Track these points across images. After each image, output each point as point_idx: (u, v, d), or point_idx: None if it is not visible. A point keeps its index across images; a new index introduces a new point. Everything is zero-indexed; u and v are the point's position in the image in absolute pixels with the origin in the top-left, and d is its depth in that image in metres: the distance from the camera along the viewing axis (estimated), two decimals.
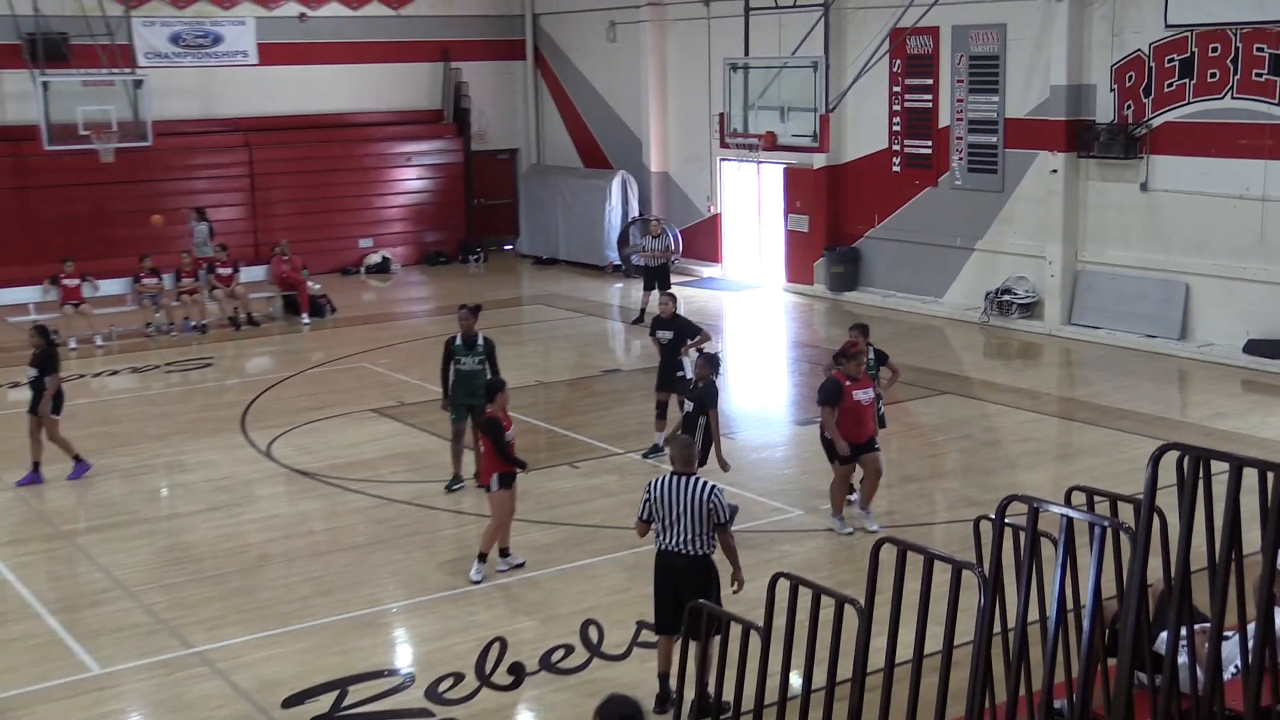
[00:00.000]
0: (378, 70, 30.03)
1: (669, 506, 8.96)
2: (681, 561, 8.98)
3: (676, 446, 9.35)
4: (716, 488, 8.98)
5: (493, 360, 14.21)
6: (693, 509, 8.88)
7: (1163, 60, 20.09)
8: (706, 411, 12.85)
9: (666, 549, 9.07)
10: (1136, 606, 5.64)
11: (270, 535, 13.18)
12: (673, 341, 15.16)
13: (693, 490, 8.91)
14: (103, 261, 24.62)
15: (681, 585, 8.95)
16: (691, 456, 9.27)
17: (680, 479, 9.01)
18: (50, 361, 14.76)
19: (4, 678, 10.07)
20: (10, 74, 26.04)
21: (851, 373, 12.45)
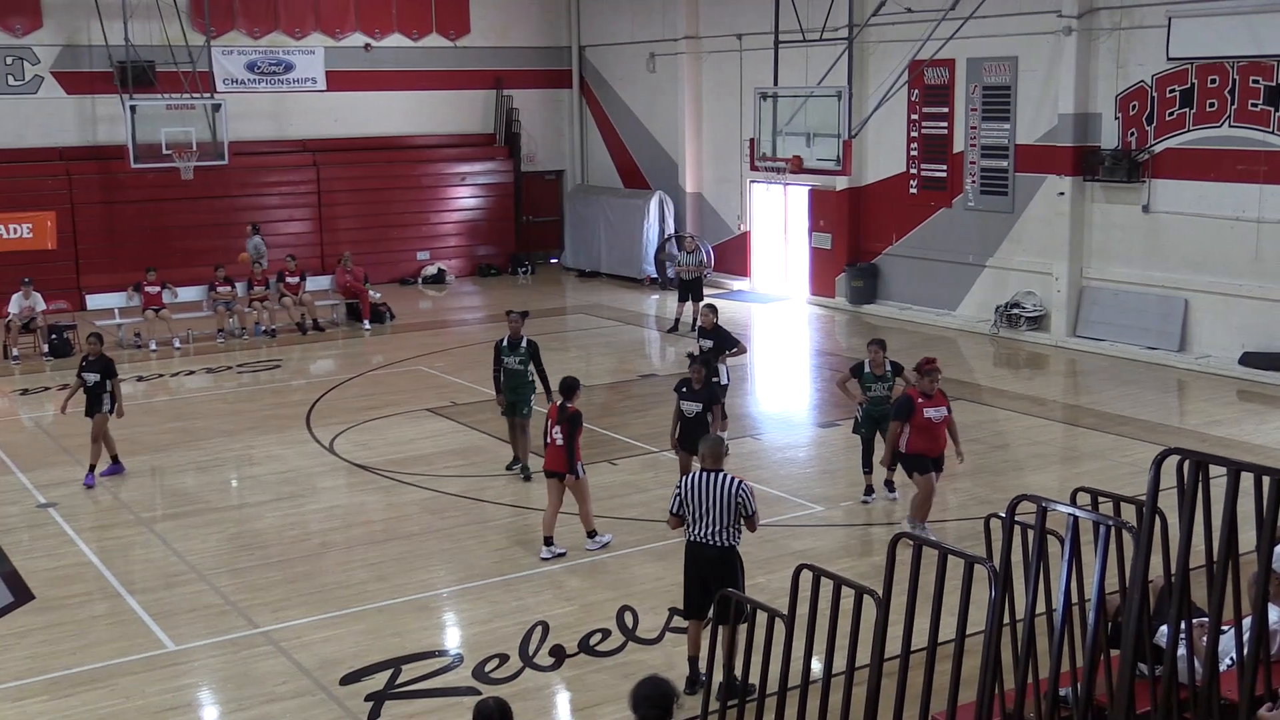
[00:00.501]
0: (435, 96, 30.12)
1: (699, 500, 8.93)
2: (710, 551, 8.97)
3: (707, 445, 9.27)
4: (745, 483, 8.95)
5: (537, 360, 14.35)
6: (722, 502, 8.84)
7: (1164, 90, 19.91)
8: (712, 408, 12.90)
9: (695, 540, 9.05)
10: (1139, 601, 5.56)
11: (331, 524, 13.20)
12: (712, 350, 15.06)
13: (722, 485, 8.88)
14: (182, 270, 24.80)
15: (709, 574, 8.95)
16: (720, 454, 9.21)
17: (710, 475, 8.97)
18: (112, 365, 14.76)
19: (89, 651, 10.12)
20: (103, 99, 26.26)
21: (925, 389, 11.88)
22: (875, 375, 13.29)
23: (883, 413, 13.06)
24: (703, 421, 12.70)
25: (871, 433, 13.39)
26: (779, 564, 11.49)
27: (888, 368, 13.29)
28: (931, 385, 11.86)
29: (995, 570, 5.76)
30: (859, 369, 13.41)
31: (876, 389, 13.30)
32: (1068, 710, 6.14)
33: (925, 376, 11.88)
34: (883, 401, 13.22)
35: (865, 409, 13.41)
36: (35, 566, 11.96)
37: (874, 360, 13.29)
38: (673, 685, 6.07)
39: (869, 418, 13.38)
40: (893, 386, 13.23)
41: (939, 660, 5.83)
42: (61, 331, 21.91)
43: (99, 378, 14.52)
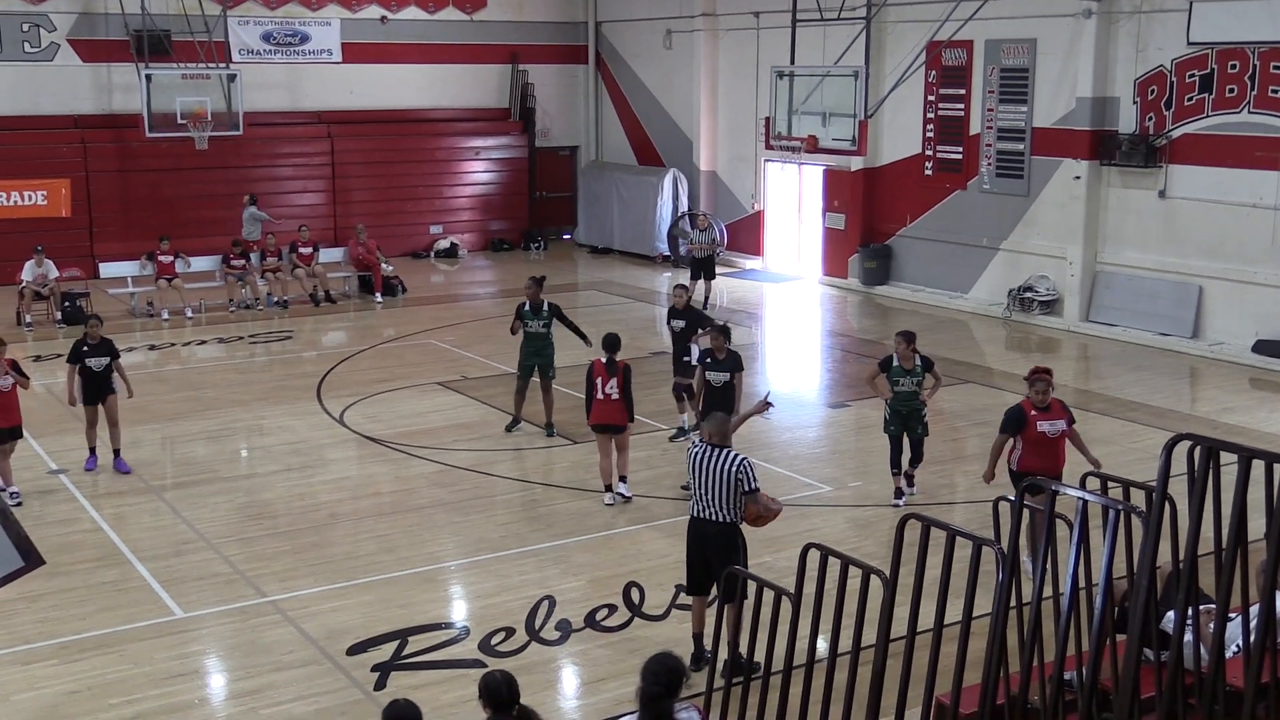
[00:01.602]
0: (451, 70, 30.05)
1: (701, 476, 8.91)
2: (711, 528, 8.95)
3: (713, 422, 9.19)
4: (746, 460, 8.87)
5: (563, 318, 15.32)
6: (723, 479, 8.80)
7: (1184, 75, 19.79)
8: (734, 376, 12.98)
9: (697, 516, 9.03)
10: (1146, 586, 5.55)
11: (340, 496, 13.23)
12: (684, 330, 14.93)
13: (723, 461, 8.82)
14: (195, 240, 24.83)
15: (710, 550, 8.95)
16: (726, 431, 9.12)
17: (713, 450, 8.92)
18: (114, 345, 14.07)
19: (99, 617, 10.18)
20: (118, 67, 26.24)
21: (1036, 400, 10.67)
22: (904, 369, 12.53)
23: (911, 409, 12.54)
24: (729, 390, 12.81)
25: (900, 431, 12.65)
26: (786, 543, 11.48)
27: (917, 362, 12.54)
28: (1041, 395, 10.64)
29: (1003, 553, 5.75)
30: (887, 363, 12.66)
31: (904, 384, 12.54)
32: (1072, 694, 6.13)
33: (1033, 386, 10.70)
34: (911, 398, 12.56)
35: (893, 406, 12.63)
36: (46, 532, 12.02)
37: (901, 353, 12.54)
38: (682, 662, 6.08)
39: (897, 415, 12.64)
40: (922, 381, 12.56)
41: (945, 642, 5.82)
42: (75, 299, 21.96)
43: (107, 360, 13.83)
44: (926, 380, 12.79)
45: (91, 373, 13.74)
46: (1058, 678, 5.74)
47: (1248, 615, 6.05)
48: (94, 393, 13.79)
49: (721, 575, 8.78)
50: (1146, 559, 5.49)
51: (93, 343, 13.81)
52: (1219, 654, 5.56)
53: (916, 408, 12.54)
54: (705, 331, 13.45)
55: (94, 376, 13.76)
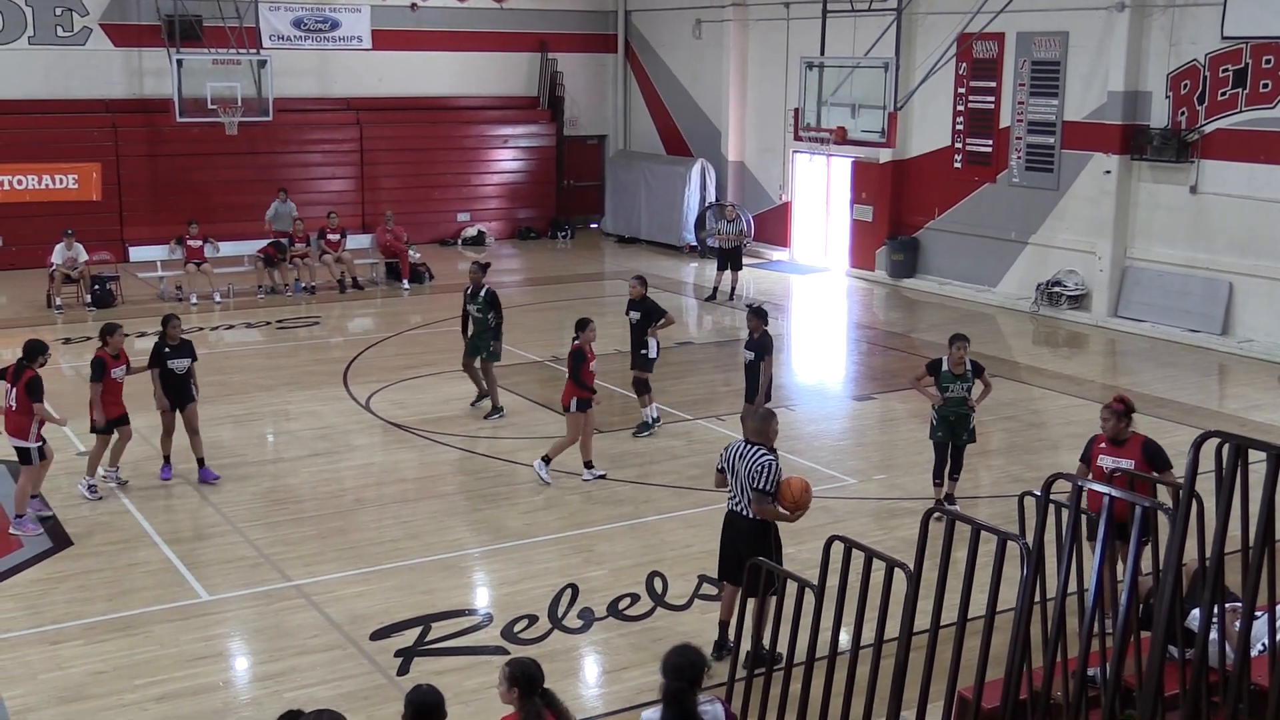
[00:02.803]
0: (480, 58, 30.07)
1: (733, 470, 8.98)
2: (743, 522, 9.00)
3: (753, 418, 9.25)
4: (769, 461, 8.81)
5: (496, 308, 15.53)
6: (745, 474, 8.88)
7: (1217, 70, 19.62)
8: (763, 358, 13.22)
9: (732, 509, 9.09)
10: (1172, 584, 5.52)
11: (365, 482, 13.29)
12: (640, 322, 14.90)
13: (750, 457, 8.87)
14: (224, 225, 24.94)
15: (742, 544, 8.97)
16: (764, 429, 9.05)
17: (746, 446, 8.97)
18: (193, 346, 13.34)
19: (126, 598, 10.26)
20: (150, 52, 26.35)
21: (1109, 433, 9.66)
22: (954, 374, 11.98)
23: (960, 416, 12.04)
24: (755, 370, 13.30)
25: (947, 439, 12.12)
26: (810, 535, 11.46)
27: (968, 366, 12.01)
28: (1117, 429, 9.62)
29: (1028, 548, 5.73)
30: (936, 366, 12.11)
31: (955, 390, 11.99)
32: (1096, 690, 6.11)
33: (1110, 417, 9.70)
34: (961, 404, 12.04)
35: (941, 412, 12.06)
36: (74, 514, 12.11)
37: (954, 358, 11.98)
38: (703, 654, 6.08)
39: (945, 422, 12.07)
40: (972, 387, 12.08)
41: (968, 636, 5.81)
42: (104, 282, 22.10)
43: (188, 363, 13.02)
44: (976, 387, 12.28)
45: (173, 375, 12.92)
46: (1081, 674, 5.72)
47: (1274, 614, 6.01)
48: (174, 397, 12.98)
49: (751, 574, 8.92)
50: (1173, 556, 5.46)
51: (173, 344, 12.99)
52: (1244, 652, 5.53)
53: (965, 414, 12.07)
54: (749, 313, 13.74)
55: (175, 379, 12.94)
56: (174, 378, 12.94)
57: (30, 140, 25.16)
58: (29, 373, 11.73)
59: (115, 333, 12.65)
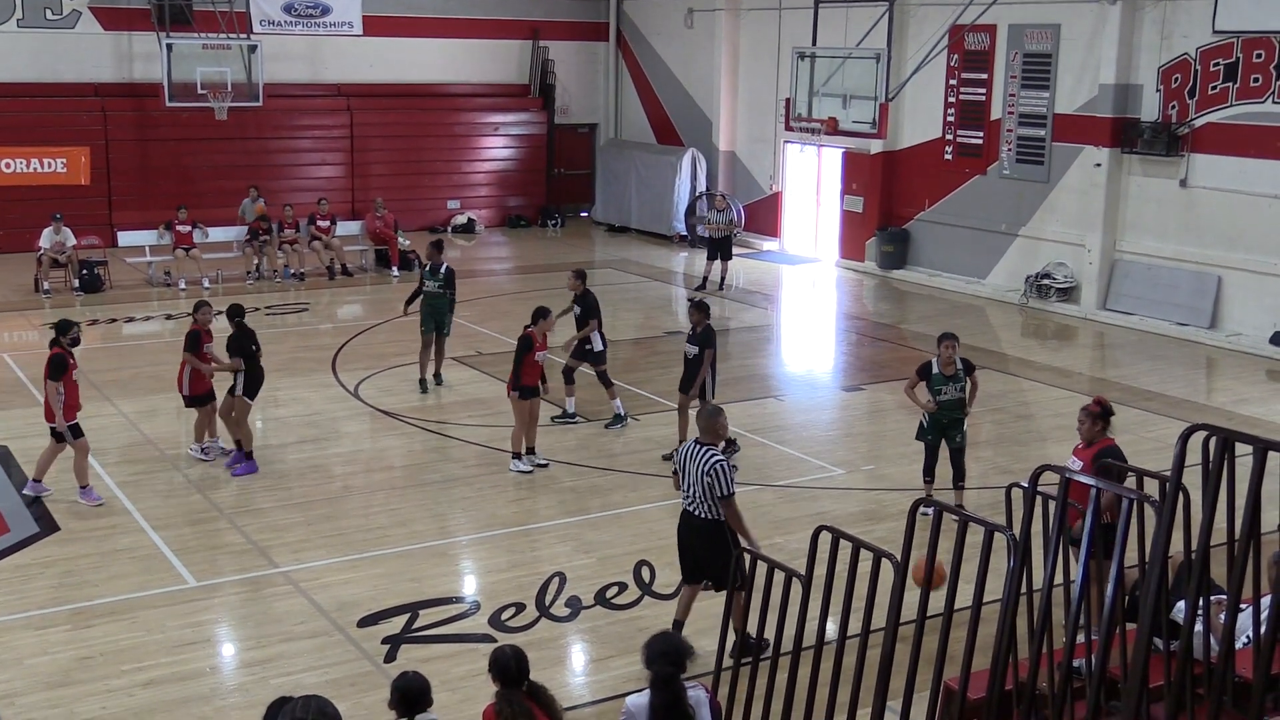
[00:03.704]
0: (471, 45, 30.00)
1: (685, 471, 8.89)
2: (696, 522, 8.93)
3: (703, 416, 9.15)
4: (722, 462, 8.72)
5: (451, 285, 16.21)
6: (697, 477, 8.77)
7: (1208, 64, 19.66)
8: (705, 352, 13.13)
9: (685, 509, 9.03)
10: (1158, 576, 5.54)
11: (353, 469, 13.28)
12: (580, 316, 14.77)
13: (701, 460, 8.75)
14: (213, 210, 24.84)
15: (695, 544, 8.97)
16: (714, 428, 8.95)
17: (697, 447, 8.87)
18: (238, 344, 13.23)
19: (112, 583, 10.25)
20: (139, 36, 26.24)
21: (1081, 434, 9.53)
22: (945, 376, 11.60)
23: (953, 419, 11.67)
24: (698, 363, 13.13)
25: (938, 440, 11.79)
26: (798, 525, 11.51)
27: (959, 366, 11.66)
28: (1090, 431, 9.39)
29: (1015, 539, 5.74)
30: (926, 370, 11.71)
31: (948, 391, 11.61)
32: (1081, 681, 6.14)
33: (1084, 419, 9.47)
34: (955, 406, 11.68)
35: (933, 415, 11.72)
36: (61, 499, 12.08)
37: (944, 358, 11.60)
38: (686, 641, 6.09)
39: (935, 423, 11.72)
40: (965, 387, 11.73)
41: (954, 627, 5.83)
42: (93, 267, 22.03)
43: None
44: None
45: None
46: (1067, 665, 5.74)
47: (1258, 606, 6.04)
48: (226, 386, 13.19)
49: (710, 570, 8.95)
50: (1159, 548, 5.48)
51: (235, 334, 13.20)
52: (1229, 645, 5.55)
53: (958, 417, 11.72)
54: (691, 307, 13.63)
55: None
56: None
57: (18, 124, 25.05)
58: (54, 350, 11.90)
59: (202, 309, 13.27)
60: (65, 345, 11.91)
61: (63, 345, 11.90)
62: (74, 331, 12.09)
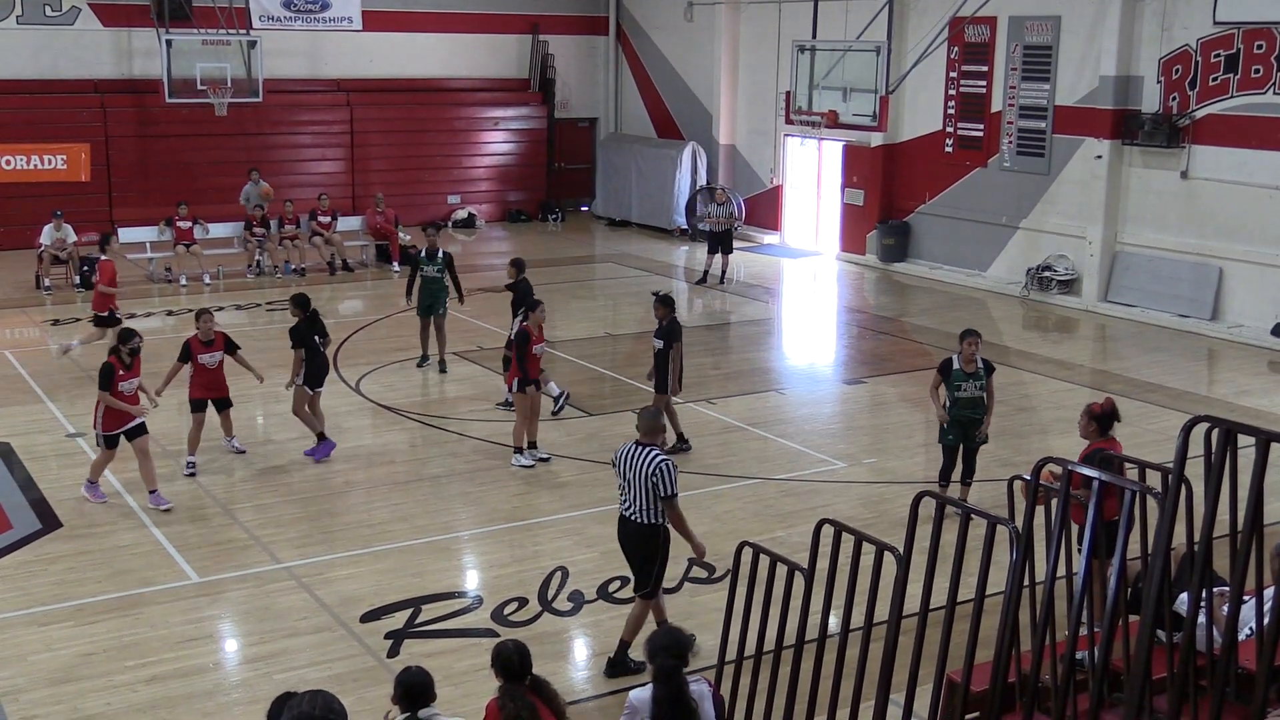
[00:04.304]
0: (471, 40, 29.98)
1: (625, 473, 8.64)
2: (631, 527, 8.68)
3: (642, 417, 8.87)
4: (667, 461, 8.53)
5: (451, 270, 16.65)
6: (640, 478, 8.51)
7: (1209, 55, 19.63)
8: (672, 345, 13.14)
9: (622, 514, 8.77)
10: (1160, 568, 5.54)
11: (355, 464, 13.28)
12: (514, 302, 15.07)
13: (643, 460, 8.51)
14: (213, 207, 24.83)
15: (631, 549, 8.75)
16: (654, 428, 8.75)
17: (637, 448, 8.61)
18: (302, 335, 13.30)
19: (115, 580, 10.26)
20: (139, 32, 26.23)
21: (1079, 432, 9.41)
22: (965, 373, 11.46)
23: (972, 419, 11.55)
24: (665, 357, 13.17)
25: (957, 442, 11.62)
26: (800, 518, 11.52)
27: (979, 364, 11.50)
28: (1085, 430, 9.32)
29: (1017, 532, 5.74)
30: (946, 366, 11.56)
31: (967, 389, 11.48)
32: (1084, 674, 6.13)
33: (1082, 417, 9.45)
34: (974, 404, 11.54)
35: (953, 414, 11.56)
36: (63, 495, 12.09)
37: (965, 355, 11.47)
38: (687, 634, 6.09)
39: (956, 424, 11.58)
40: (985, 385, 11.58)
41: (957, 620, 5.82)
42: (93, 263, 22.00)
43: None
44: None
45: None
46: (1070, 657, 5.74)
47: (1261, 598, 6.03)
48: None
49: (635, 572, 8.77)
50: (1162, 540, 5.47)
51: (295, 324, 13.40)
52: (1231, 636, 5.55)
53: (978, 417, 11.56)
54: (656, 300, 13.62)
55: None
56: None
57: (19, 120, 25.04)
58: (108, 358, 11.75)
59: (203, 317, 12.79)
60: (123, 355, 11.64)
61: (119, 354, 11.64)
62: (134, 341, 11.78)
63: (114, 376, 11.58)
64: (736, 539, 7.88)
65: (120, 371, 11.64)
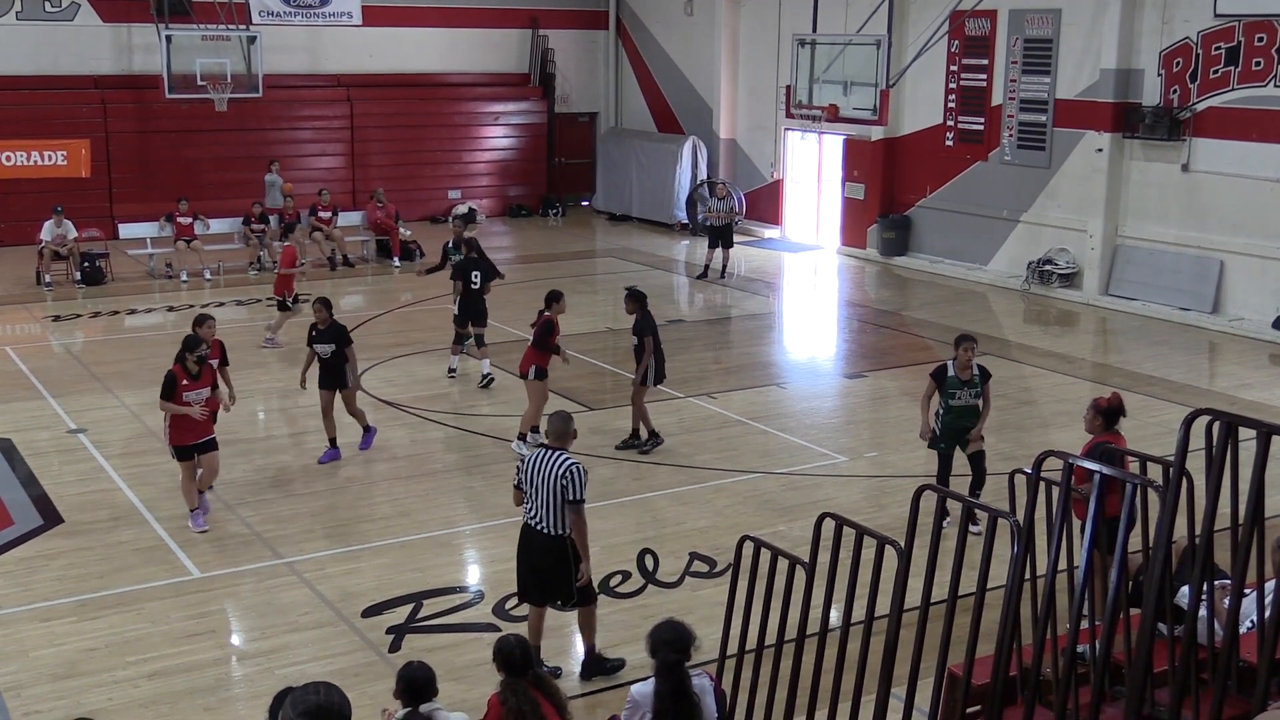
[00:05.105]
0: (471, 34, 29.94)
1: (532, 480, 8.33)
2: (539, 539, 8.38)
3: (553, 421, 8.57)
4: (576, 466, 8.28)
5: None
6: (549, 484, 8.22)
7: (1210, 48, 19.61)
8: (645, 338, 13.29)
9: (527, 523, 8.47)
10: (1161, 561, 5.54)
11: (356, 459, 13.27)
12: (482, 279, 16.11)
13: (551, 465, 8.23)
14: (214, 202, 24.85)
15: (538, 561, 8.45)
16: (565, 432, 8.45)
17: (547, 453, 8.32)
18: (345, 333, 12.96)
19: (116, 576, 10.26)
20: (139, 27, 26.20)
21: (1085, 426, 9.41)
22: (961, 380, 11.03)
23: (965, 428, 11.14)
24: (641, 351, 13.33)
25: (951, 448, 11.22)
26: (801, 512, 11.52)
27: (975, 371, 11.08)
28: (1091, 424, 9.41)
29: (1018, 525, 5.73)
30: (941, 373, 11.11)
31: (962, 397, 11.06)
32: (1085, 667, 6.13)
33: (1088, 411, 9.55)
34: (970, 413, 11.12)
35: (947, 421, 11.10)
36: (65, 491, 12.10)
37: (961, 361, 11.04)
38: (690, 628, 6.09)
39: (950, 431, 11.14)
40: (980, 393, 11.19)
41: (958, 613, 5.82)
42: (94, 259, 22.02)
43: (334, 348, 12.74)
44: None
45: (323, 360, 12.87)
46: (1071, 651, 5.74)
47: (1262, 591, 6.03)
48: (324, 379, 12.93)
49: (558, 589, 8.43)
50: (1163, 533, 5.47)
51: (321, 327, 12.81)
52: (1233, 629, 5.55)
53: (972, 424, 11.15)
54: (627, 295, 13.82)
55: (324, 364, 12.87)
56: (322, 361, 12.87)
57: (19, 116, 24.99)
58: (173, 366, 11.18)
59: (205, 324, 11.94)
60: (189, 364, 11.02)
61: (185, 363, 11.03)
62: (200, 350, 11.13)
63: (176, 387, 10.93)
64: (738, 533, 7.88)
65: (184, 381, 10.97)
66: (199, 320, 12.11)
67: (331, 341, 12.74)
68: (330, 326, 12.81)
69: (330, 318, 12.88)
